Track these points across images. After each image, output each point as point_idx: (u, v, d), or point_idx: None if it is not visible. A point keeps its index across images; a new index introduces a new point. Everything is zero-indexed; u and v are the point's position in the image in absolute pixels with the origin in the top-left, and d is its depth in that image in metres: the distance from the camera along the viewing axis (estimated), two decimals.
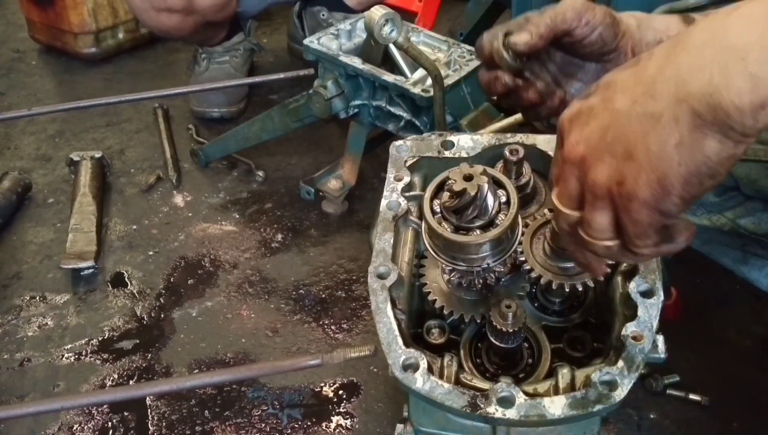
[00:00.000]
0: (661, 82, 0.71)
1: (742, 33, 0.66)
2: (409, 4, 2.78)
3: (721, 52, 0.66)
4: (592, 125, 0.77)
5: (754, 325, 1.82)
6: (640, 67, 0.75)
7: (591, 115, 0.78)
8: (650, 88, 0.72)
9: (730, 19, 0.68)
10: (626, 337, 0.92)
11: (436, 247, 0.96)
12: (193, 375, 1.73)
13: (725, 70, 0.66)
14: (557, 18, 1.10)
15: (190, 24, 2.47)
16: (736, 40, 0.66)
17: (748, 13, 0.67)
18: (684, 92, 0.69)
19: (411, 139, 1.16)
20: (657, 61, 0.73)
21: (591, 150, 0.77)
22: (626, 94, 0.74)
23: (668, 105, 0.70)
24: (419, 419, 1.03)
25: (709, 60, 0.67)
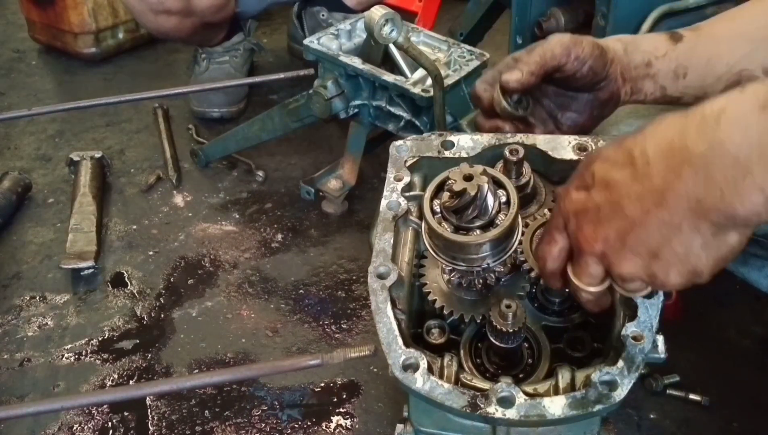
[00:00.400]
0: (673, 198, 0.74)
1: (740, 145, 0.68)
2: (409, 4, 2.77)
3: (727, 169, 0.69)
4: (606, 227, 0.81)
5: (754, 325, 1.82)
6: (638, 170, 0.77)
7: (600, 215, 0.81)
8: (661, 200, 0.75)
9: (723, 129, 0.70)
10: (626, 337, 0.92)
11: (436, 247, 0.96)
12: (193, 375, 1.73)
13: (735, 188, 0.69)
14: (546, 55, 1.12)
15: (189, 25, 2.47)
16: (737, 153, 0.69)
17: (737, 118, 0.69)
18: (700, 209, 0.73)
19: (411, 139, 1.16)
20: (659, 170, 0.75)
21: (612, 250, 0.81)
22: (635, 203, 0.77)
23: (686, 218, 0.74)
24: (419, 419, 1.03)
25: (716, 178, 0.70)
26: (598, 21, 1.78)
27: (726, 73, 1.18)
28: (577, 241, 0.85)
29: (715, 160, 0.70)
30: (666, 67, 1.18)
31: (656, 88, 1.19)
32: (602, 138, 1.11)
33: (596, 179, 0.82)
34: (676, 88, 1.20)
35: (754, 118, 0.69)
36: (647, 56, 1.17)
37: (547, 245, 0.90)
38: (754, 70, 1.18)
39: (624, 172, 0.79)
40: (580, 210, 0.84)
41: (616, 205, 0.79)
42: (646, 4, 1.78)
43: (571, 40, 1.12)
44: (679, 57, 1.18)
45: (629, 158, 0.79)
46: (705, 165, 0.71)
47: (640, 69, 1.18)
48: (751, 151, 0.68)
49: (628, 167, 0.79)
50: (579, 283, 0.88)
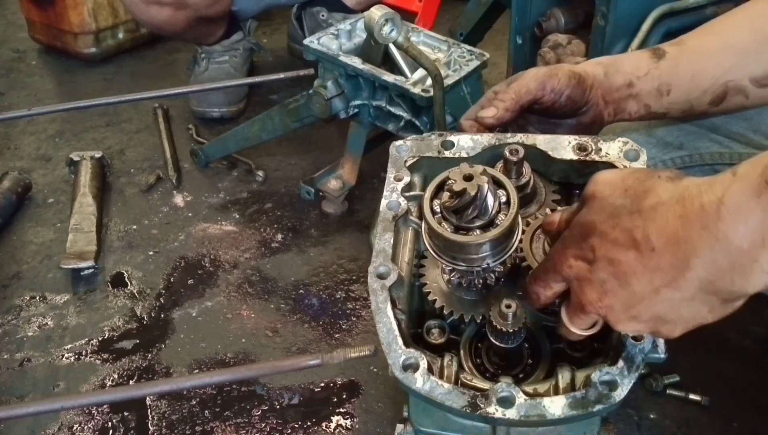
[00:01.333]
0: (684, 282, 0.77)
1: (743, 235, 0.71)
2: (409, 4, 2.77)
3: (734, 258, 0.73)
4: (611, 298, 0.82)
5: (754, 325, 1.82)
6: (644, 255, 0.79)
7: (606, 287, 0.82)
8: (672, 283, 0.78)
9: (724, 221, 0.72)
10: (626, 337, 0.92)
11: (436, 247, 0.96)
12: (193, 375, 1.73)
13: (743, 274, 0.73)
14: (521, 91, 1.13)
15: (182, 19, 2.46)
16: (741, 244, 0.72)
17: (737, 209, 0.72)
18: (710, 288, 0.76)
19: (411, 139, 1.16)
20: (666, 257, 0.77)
21: (617, 317, 0.84)
22: (643, 282, 0.79)
23: (695, 294, 0.78)
24: (419, 419, 1.03)
25: (724, 266, 0.74)
26: (598, 21, 1.79)
27: (711, 86, 1.19)
28: (581, 303, 0.86)
29: (722, 251, 0.73)
30: (649, 85, 1.18)
31: (640, 106, 1.20)
32: (602, 138, 1.11)
33: (598, 255, 0.83)
34: (661, 105, 1.20)
35: (752, 206, 0.71)
36: (628, 77, 1.18)
37: (542, 289, 0.92)
38: (740, 81, 1.18)
39: (629, 254, 0.80)
40: (582, 278, 0.85)
41: (624, 282, 0.81)
42: (646, 4, 1.78)
43: (545, 73, 1.13)
44: (661, 75, 1.18)
45: (632, 242, 0.80)
46: (712, 256, 0.74)
47: (621, 90, 1.18)
48: (753, 239, 0.71)
49: (632, 250, 0.80)
50: (572, 328, 0.90)
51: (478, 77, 1.96)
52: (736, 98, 1.20)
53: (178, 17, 2.44)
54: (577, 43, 1.93)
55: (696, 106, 1.21)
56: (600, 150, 1.09)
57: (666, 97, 1.19)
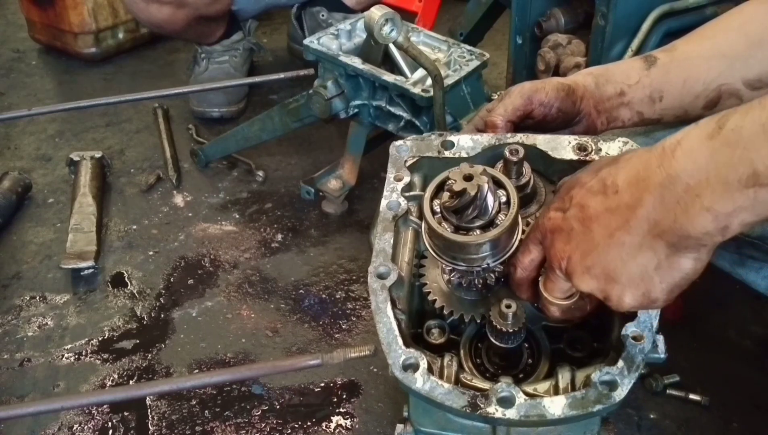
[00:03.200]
0: (635, 221, 0.81)
1: (691, 172, 0.76)
2: (409, 4, 2.77)
3: (679, 194, 0.77)
4: (572, 245, 0.87)
5: (754, 325, 1.82)
6: (608, 196, 0.84)
7: (571, 235, 0.87)
8: (624, 224, 0.82)
9: (677, 159, 0.77)
10: (626, 337, 0.92)
11: (436, 247, 0.96)
12: (193, 375, 1.73)
13: (686, 211, 0.77)
14: (508, 108, 1.14)
15: (182, 17, 2.46)
16: (688, 180, 0.76)
17: (689, 148, 0.77)
18: (656, 230, 0.80)
19: (411, 139, 1.16)
20: (625, 197, 0.82)
21: (573, 268, 0.87)
22: (602, 225, 0.84)
23: (644, 239, 0.81)
24: (419, 419, 1.03)
25: (671, 202, 0.78)
26: (598, 21, 1.79)
27: (704, 90, 1.20)
28: (549, 257, 0.91)
29: (670, 187, 0.78)
30: (640, 93, 1.19)
31: (633, 114, 1.21)
32: (602, 138, 1.11)
33: (573, 203, 0.88)
34: (654, 111, 1.21)
35: (702, 147, 0.76)
36: (619, 86, 1.19)
37: (521, 255, 0.95)
38: (734, 84, 1.19)
39: (596, 199, 0.85)
40: (555, 228, 0.89)
41: (586, 227, 0.86)
42: (646, 4, 1.78)
43: (530, 88, 1.14)
44: (653, 82, 1.19)
45: (602, 186, 0.85)
46: (662, 192, 0.78)
47: (613, 99, 1.19)
48: (699, 177, 0.75)
49: (600, 194, 0.85)
50: (547, 296, 0.93)
51: (478, 77, 1.96)
52: (730, 102, 1.20)
53: (177, 16, 2.44)
54: (577, 43, 1.93)
55: (690, 111, 1.22)
56: (600, 150, 1.09)
57: (659, 103, 1.20)
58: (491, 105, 1.19)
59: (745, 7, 1.21)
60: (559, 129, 1.18)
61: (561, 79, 1.17)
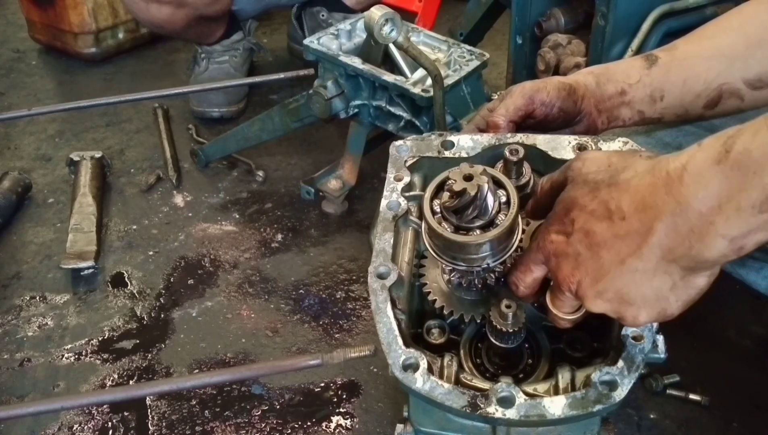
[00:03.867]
0: (646, 247, 0.80)
1: (702, 199, 0.75)
2: (409, 4, 2.77)
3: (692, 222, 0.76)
4: (581, 270, 0.86)
5: (754, 325, 1.82)
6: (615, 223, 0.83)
7: (579, 260, 0.86)
8: (636, 251, 0.81)
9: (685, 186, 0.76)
10: (626, 337, 0.92)
11: (436, 247, 0.96)
12: (193, 375, 1.73)
13: (701, 238, 0.76)
14: (510, 108, 1.14)
15: (182, 17, 2.46)
16: (699, 208, 0.75)
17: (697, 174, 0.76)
18: (671, 255, 0.79)
19: (411, 139, 1.16)
20: (633, 224, 0.81)
21: (584, 292, 0.87)
22: (612, 251, 0.83)
23: (658, 265, 0.81)
24: (419, 419, 1.03)
25: (684, 231, 0.77)
26: (598, 21, 1.79)
27: (705, 90, 1.20)
28: (556, 280, 0.90)
29: (682, 215, 0.77)
30: (641, 93, 1.19)
31: (633, 113, 1.21)
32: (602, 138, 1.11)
33: (576, 228, 0.87)
34: (654, 110, 1.21)
35: (711, 173, 0.74)
36: (620, 85, 1.19)
37: (521, 274, 0.95)
38: (734, 84, 1.19)
39: (602, 225, 0.84)
40: (560, 252, 0.88)
41: (594, 253, 0.85)
42: (646, 4, 1.78)
43: (531, 87, 1.14)
44: (653, 81, 1.19)
45: (606, 212, 0.84)
46: (674, 220, 0.78)
47: (614, 99, 1.19)
48: (711, 203, 0.74)
49: (605, 220, 0.84)
50: (557, 312, 0.93)
51: (478, 77, 1.96)
52: (730, 101, 1.20)
53: (177, 16, 2.44)
54: (577, 43, 1.93)
55: (691, 111, 1.22)
56: (600, 150, 1.09)
57: (659, 102, 1.20)
58: (492, 104, 1.19)
59: (745, 7, 1.22)
60: (560, 128, 1.18)
61: (562, 79, 1.17)
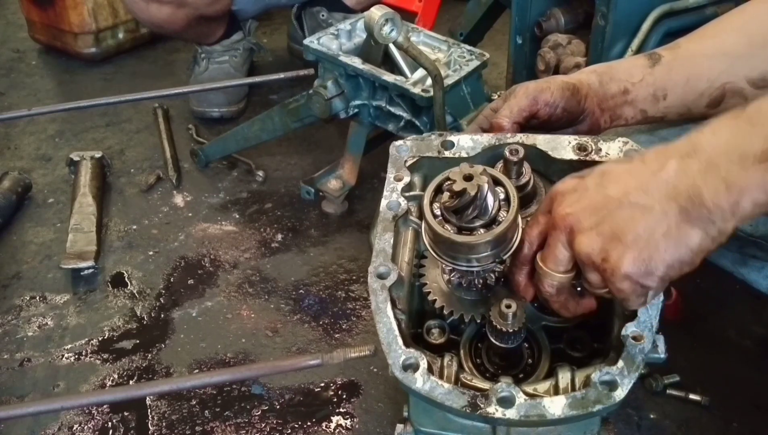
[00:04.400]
0: (654, 182, 0.84)
1: (713, 144, 0.82)
2: (409, 4, 2.77)
3: (701, 163, 0.82)
4: (583, 202, 0.88)
5: (754, 325, 1.82)
6: (634, 165, 0.88)
7: (584, 193, 0.89)
8: (643, 185, 0.85)
9: (703, 134, 0.84)
10: (626, 337, 0.92)
11: (436, 247, 0.96)
12: (193, 375, 1.73)
13: (704, 176, 0.81)
14: (514, 110, 1.14)
15: (182, 17, 2.45)
16: (709, 150, 0.82)
17: (715, 126, 0.84)
18: (673, 192, 0.83)
19: (411, 139, 1.16)
20: (650, 164, 0.86)
21: (578, 223, 0.87)
22: (620, 185, 0.86)
23: (659, 200, 0.83)
24: (419, 419, 1.03)
25: (692, 170, 0.82)
26: (598, 21, 1.79)
27: (708, 88, 1.20)
28: (553, 218, 0.90)
29: (693, 155, 0.83)
30: (644, 91, 1.19)
31: (636, 112, 1.21)
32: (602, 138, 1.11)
33: (595, 170, 0.91)
34: (657, 109, 1.21)
35: (725, 124, 0.83)
36: (623, 84, 1.19)
37: (529, 229, 0.95)
38: (737, 83, 1.19)
39: (620, 165, 0.90)
40: (568, 190, 0.90)
41: (602, 187, 0.87)
42: (646, 4, 1.78)
43: (535, 88, 1.14)
44: (656, 80, 1.19)
45: (629, 159, 0.90)
46: (685, 160, 0.83)
47: (617, 97, 1.19)
48: (719, 148, 0.81)
49: (625, 163, 0.90)
50: (544, 268, 0.92)
51: (478, 77, 1.96)
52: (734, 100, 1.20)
53: (177, 15, 2.44)
54: (577, 43, 1.93)
55: (693, 109, 1.22)
56: (600, 150, 1.09)
57: (662, 101, 1.21)
58: (495, 104, 1.19)
59: (747, 6, 1.22)
60: (563, 128, 1.18)
61: (565, 78, 1.17)
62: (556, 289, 0.93)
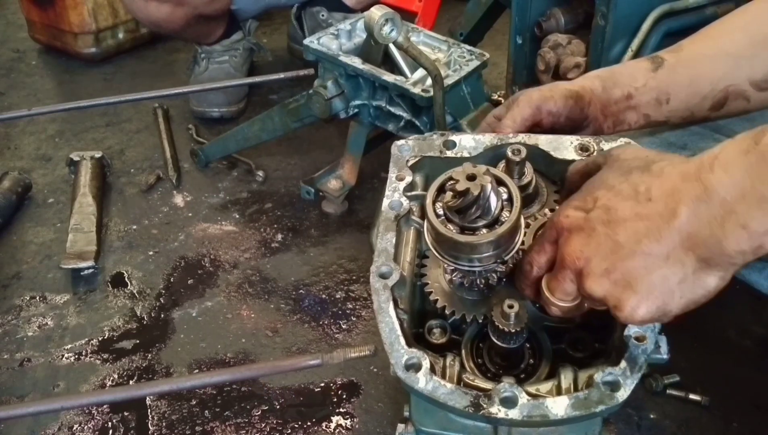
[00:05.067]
0: (666, 230, 0.80)
1: (727, 186, 0.76)
2: (409, 4, 2.77)
3: (716, 208, 0.76)
4: (593, 247, 0.85)
5: (754, 325, 1.82)
6: (640, 203, 0.83)
7: (592, 235, 0.85)
8: (655, 232, 0.81)
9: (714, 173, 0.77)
10: (629, 338, 0.92)
11: (438, 246, 0.96)
12: (193, 375, 1.73)
13: (722, 225, 0.76)
14: (517, 120, 1.15)
15: (181, 16, 2.45)
16: (724, 195, 0.76)
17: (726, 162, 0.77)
18: (689, 243, 0.79)
19: (413, 139, 1.16)
20: (658, 206, 0.81)
21: (589, 269, 0.85)
22: (629, 230, 0.82)
23: (674, 250, 0.80)
24: (421, 419, 1.03)
25: (706, 216, 0.77)
26: (598, 21, 1.79)
27: (711, 91, 1.20)
28: (561, 255, 0.88)
29: (707, 200, 0.77)
30: (647, 96, 1.19)
31: (639, 117, 1.21)
32: (604, 138, 1.11)
33: (597, 204, 0.86)
34: (660, 113, 1.21)
35: (738, 162, 0.76)
36: (626, 89, 1.18)
37: (536, 254, 0.94)
38: (740, 85, 1.19)
39: (627, 203, 0.84)
40: (574, 226, 0.87)
41: (611, 231, 0.83)
42: (646, 4, 1.78)
43: (539, 97, 1.14)
44: (659, 84, 1.19)
45: (634, 192, 0.84)
46: (698, 205, 0.78)
47: (620, 103, 1.19)
48: (735, 192, 0.75)
49: (631, 200, 0.84)
50: (550, 297, 0.92)
51: (478, 77, 1.96)
52: (737, 103, 1.20)
53: (177, 14, 2.44)
54: (577, 43, 1.93)
55: (696, 113, 1.22)
56: (602, 150, 1.09)
57: (665, 105, 1.20)
58: (498, 112, 1.19)
59: (749, 7, 1.22)
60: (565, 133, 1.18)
61: (568, 85, 1.16)
62: (563, 313, 0.93)
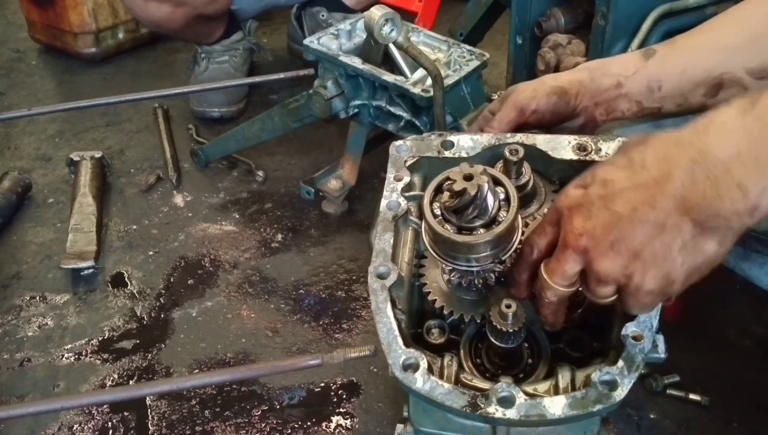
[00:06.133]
0: (660, 195, 0.80)
1: (722, 147, 0.76)
2: (409, 4, 2.77)
3: (710, 169, 0.76)
4: (593, 221, 0.84)
5: (754, 325, 1.82)
6: (635, 172, 0.83)
7: (592, 210, 0.85)
8: (650, 199, 0.81)
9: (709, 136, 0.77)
10: (626, 337, 0.92)
11: (436, 246, 0.96)
12: (193, 375, 1.73)
13: (715, 185, 0.76)
14: (503, 122, 1.17)
15: (181, 16, 2.45)
16: (719, 155, 0.76)
17: (723, 125, 0.77)
18: (684, 206, 0.79)
19: (411, 139, 1.16)
20: (652, 172, 0.81)
21: (595, 245, 0.84)
22: (625, 199, 0.82)
23: (670, 216, 0.80)
24: (419, 419, 1.03)
25: (701, 178, 0.77)
26: (598, 21, 1.78)
27: (706, 78, 1.20)
28: (564, 234, 0.88)
29: (701, 161, 0.77)
30: (638, 84, 1.20)
31: (632, 104, 1.22)
32: (601, 138, 1.11)
33: (596, 179, 0.87)
34: (653, 100, 1.22)
35: (735, 122, 0.76)
36: (616, 78, 1.20)
37: (537, 236, 0.93)
38: (736, 72, 1.19)
39: (621, 173, 0.84)
40: (574, 205, 0.87)
41: (608, 202, 0.84)
42: (646, 4, 1.78)
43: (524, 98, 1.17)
44: (650, 73, 1.20)
45: (629, 162, 0.85)
46: (692, 167, 0.78)
47: (610, 91, 1.20)
48: (730, 151, 0.75)
49: (626, 169, 0.84)
50: (549, 280, 0.90)
51: (478, 77, 1.96)
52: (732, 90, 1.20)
53: (176, 14, 2.44)
54: (577, 43, 1.93)
55: (690, 99, 1.22)
56: (600, 150, 1.10)
57: (657, 92, 1.21)
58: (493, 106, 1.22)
59: (746, 4, 1.22)
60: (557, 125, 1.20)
61: (554, 81, 1.19)
62: (557, 300, 0.93)
